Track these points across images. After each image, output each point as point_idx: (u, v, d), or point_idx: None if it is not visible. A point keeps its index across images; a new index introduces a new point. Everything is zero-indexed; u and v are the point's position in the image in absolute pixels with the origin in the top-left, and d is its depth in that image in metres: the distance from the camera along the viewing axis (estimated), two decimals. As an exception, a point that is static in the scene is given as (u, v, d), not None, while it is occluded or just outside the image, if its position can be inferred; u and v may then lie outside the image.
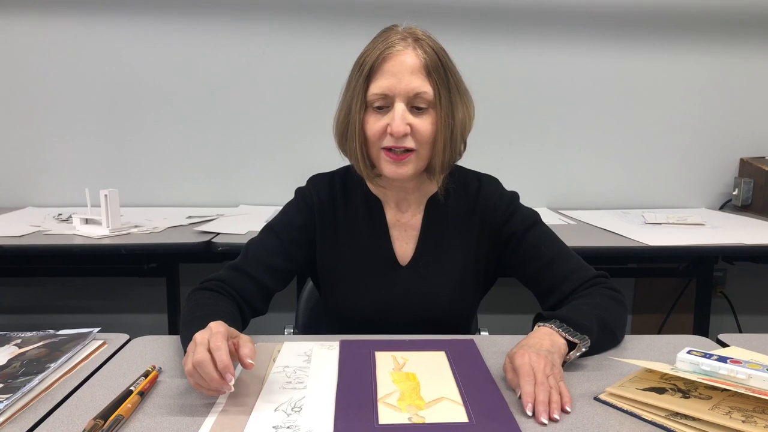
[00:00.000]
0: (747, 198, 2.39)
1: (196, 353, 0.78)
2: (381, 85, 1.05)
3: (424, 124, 1.06)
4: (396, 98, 1.05)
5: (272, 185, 2.43)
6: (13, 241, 1.76)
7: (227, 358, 0.78)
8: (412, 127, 1.06)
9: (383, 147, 1.07)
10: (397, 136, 1.04)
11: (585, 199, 2.52)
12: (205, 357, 0.77)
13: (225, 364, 0.77)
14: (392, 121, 1.04)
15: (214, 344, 0.79)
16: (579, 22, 2.39)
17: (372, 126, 1.07)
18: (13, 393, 0.81)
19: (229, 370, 0.77)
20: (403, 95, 1.05)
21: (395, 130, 1.04)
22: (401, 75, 1.04)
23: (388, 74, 1.05)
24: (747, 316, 2.55)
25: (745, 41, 2.44)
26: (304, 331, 1.46)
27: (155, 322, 2.43)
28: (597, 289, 1.08)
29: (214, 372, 0.77)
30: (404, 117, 1.05)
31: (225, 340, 0.80)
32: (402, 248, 1.19)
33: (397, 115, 1.04)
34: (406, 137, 1.06)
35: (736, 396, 0.78)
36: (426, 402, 0.81)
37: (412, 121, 1.05)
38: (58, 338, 1.02)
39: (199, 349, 0.79)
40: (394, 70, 1.04)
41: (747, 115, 2.51)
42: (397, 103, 1.05)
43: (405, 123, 1.04)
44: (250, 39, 2.35)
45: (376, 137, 1.07)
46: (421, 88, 1.05)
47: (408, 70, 1.04)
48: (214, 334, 0.81)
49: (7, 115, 2.35)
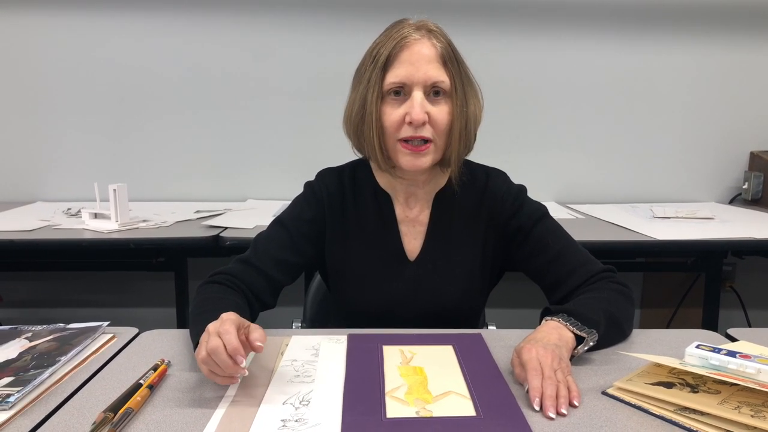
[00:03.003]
0: (757, 192, 2.37)
1: (209, 342, 0.79)
2: (398, 73, 1.05)
3: (441, 113, 1.06)
4: (414, 87, 1.05)
5: (280, 180, 2.43)
6: (23, 235, 1.77)
7: (236, 341, 0.79)
8: (430, 116, 1.05)
9: (400, 138, 1.07)
10: (416, 125, 1.04)
11: (593, 193, 2.51)
12: (219, 344, 0.78)
13: (234, 347, 0.78)
14: (411, 109, 1.04)
15: (222, 329, 0.80)
16: (588, 15, 2.38)
17: (389, 116, 1.06)
18: (24, 386, 0.81)
19: (239, 352, 0.78)
20: (421, 84, 1.04)
21: (415, 117, 1.03)
22: (419, 64, 1.04)
23: (406, 63, 1.04)
24: (757, 311, 2.53)
25: (755, 34, 2.41)
26: (312, 325, 1.47)
27: (164, 316, 2.45)
28: (604, 284, 1.08)
29: (228, 358, 0.78)
30: (423, 105, 1.04)
31: (234, 326, 0.81)
32: (410, 243, 1.19)
33: (416, 102, 1.04)
34: (425, 126, 1.05)
35: (745, 390, 0.78)
36: (433, 396, 0.81)
37: (430, 109, 1.05)
38: (68, 332, 1.03)
39: (212, 337, 0.80)
40: (411, 59, 1.04)
41: (757, 108, 2.48)
42: (415, 92, 1.04)
43: (424, 111, 1.04)
44: (258, 33, 2.34)
45: (393, 128, 1.07)
46: (438, 77, 1.05)
47: (425, 59, 1.04)
48: (224, 322, 0.82)
49: (16, 111, 2.36)
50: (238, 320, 0.84)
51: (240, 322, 0.84)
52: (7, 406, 0.77)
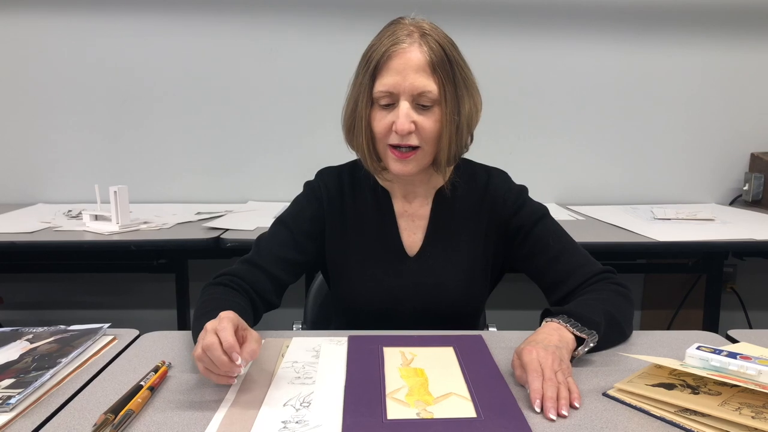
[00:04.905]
0: (758, 193, 2.37)
1: (205, 338, 0.79)
2: (386, 82, 1.05)
3: (428, 122, 1.06)
4: (401, 96, 1.05)
5: (281, 181, 2.43)
6: (24, 237, 1.77)
7: (232, 338, 0.79)
8: (417, 125, 1.06)
9: (389, 144, 1.08)
10: (401, 134, 1.05)
11: (594, 195, 2.51)
12: (214, 340, 0.79)
13: (230, 343, 0.78)
14: (397, 119, 1.05)
15: (219, 326, 0.80)
16: (589, 16, 2.38)
17: (378, 123, 1.08)
18: (25, 388, 0.82)
19: (235, 349, 0.78)
20: (407, 93, 1.05)
21: (399, 128, 1.04)
22: (406, 73, 1.04)
23: (393, 72, 1.05)
24: (757, 312, 2.53)
25: (755, 35, 2.41)
26: (313, 326, 1.47)
27: (164, 317, 2.45)
28: (604, 284, 1.09)
29: (223, 355, 0.78)
30: (408, 115, 1.05)
31: (231, 323, 0.81)
32: (410, 238, 1.19)
33: (402, 113, 1.04)
34: (411, 135, 1.06)
35: (746, 392, 0.78)
36: (434, 397, 0.81)
37: (417, 118, 1.06)
38: (68, 333, 1.03)
39: (208, 334, 0.80)
40: (398, 68, 1.04)
41: (758, 110, 2.48)
42: (401, 101, 1.05)
43: (409, 121, 1.05)
44: (258, 35, 2.35)
45: (382, 134, 1.08)
46: (425, 87, 1.04)
47: (413, 68, 1.04)
48: (221, 320, 0.82)
49: (16, 113, 2.37)
50: (237, 319, 0.84)
51: (238, 321, 0.84)
52: (8, 407, 0.77)
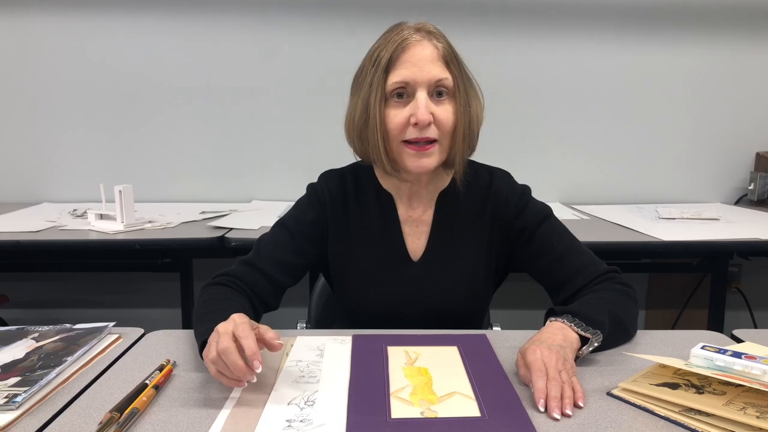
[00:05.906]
0: (763, 193, 2.37)
1: (220, 342, 0.79)
2: (402, 74, 1.04)
3: (445, 113, 1.06)
4: (418, 87, 1.04)
5: (285, 181, 2.43)
6: (29, 236, 1.78)
7: (255, 346, 0.79)
8: (435, 116, 1.05)
9: (404, 140, 1.07)
10: (422, 125, 1.04)
11: (598, 194, 2.50)
12: (231, 345, 0.79)
13: (253, 351, 0.79)
14: (416, 109, 1.03)
15: (242, 333, 0.80)
16: (593, 16, 2.37)
17: (393, 118, 1.06)
18: (31, 386, 0.82)
19: (257, 358, 0.79)
20: (424, 84, 1.04)
21: (420, 118, 1.03)
22: (422, 64, 1.04)
23: (408, 64, 1.04)
24: (762, 312, 2.52)
25: (760, 34, 2.40)
26: (317, 325, 1.47)
27: (169, 316, 2.45)
28: (608, 284, 1.08)
29: (239, 360, 0.78)
30: (428, 105, 1.04)
31: (251, 329, 0.82)
32: (414, 244, 1.19)
33: (421, 103, 1.04)
34: (430, 126, 1.05)
35: (751, 392, 0.77)
36: (438, 396, 0.81)
37: (435, 109, 1.05)
38: (74, 332, 1.03)
39: (223, 338, 0.80)
40: (413, 60, 1.04)
41: (763, 109, 2.47)
42: (419, 92, 1.04)
43: (429, 111, 1.04)
44: (264, 34, 2.35)
45: (398, 130, 1.06)
46: (442, 75, 1.05)
47: (428, 59, 1.04)
48: (238, 325, 0.82)
49: (22, 112, 2.37)
50: (250, 323, 0.85)
51: (252, 324, 0.85)
52: (14, 406, 0.78)
